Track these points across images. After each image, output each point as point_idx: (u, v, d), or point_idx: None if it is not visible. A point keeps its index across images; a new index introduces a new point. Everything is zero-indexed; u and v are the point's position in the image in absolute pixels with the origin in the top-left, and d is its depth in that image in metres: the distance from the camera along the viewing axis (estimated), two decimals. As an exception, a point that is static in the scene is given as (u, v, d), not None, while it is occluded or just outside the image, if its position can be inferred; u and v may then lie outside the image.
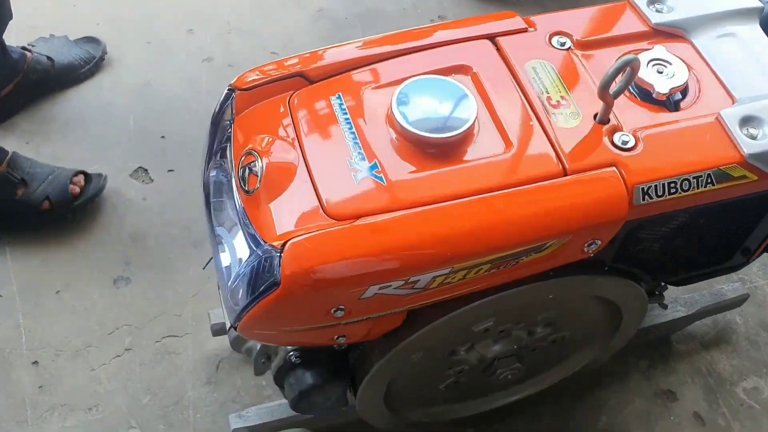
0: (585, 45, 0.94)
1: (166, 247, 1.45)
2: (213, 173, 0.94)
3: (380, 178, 0.80)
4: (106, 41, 1.75)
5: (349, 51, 0.93)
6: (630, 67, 0.79)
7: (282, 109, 0.88)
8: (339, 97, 0.87)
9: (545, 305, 0.98)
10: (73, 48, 1.71)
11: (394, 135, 0.83)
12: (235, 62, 1.79)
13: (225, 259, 0.88)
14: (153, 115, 1.67)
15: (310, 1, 1.95)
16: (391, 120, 0.83)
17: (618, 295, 0.99)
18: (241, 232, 0.84)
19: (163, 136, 1.63)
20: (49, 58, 1.64)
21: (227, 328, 1.01)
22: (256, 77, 0.90)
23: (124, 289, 1.39)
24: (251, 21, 1.89)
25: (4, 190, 1.42)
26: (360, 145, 0.82)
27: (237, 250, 0.85)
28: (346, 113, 0.86)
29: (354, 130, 0.84)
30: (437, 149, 0.82)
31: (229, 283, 0.86)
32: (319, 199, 0.79)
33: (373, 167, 0.81)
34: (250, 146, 0.85)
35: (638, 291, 0.99)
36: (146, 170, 1.57)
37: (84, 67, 1.70)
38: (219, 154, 0.93)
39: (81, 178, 1.48)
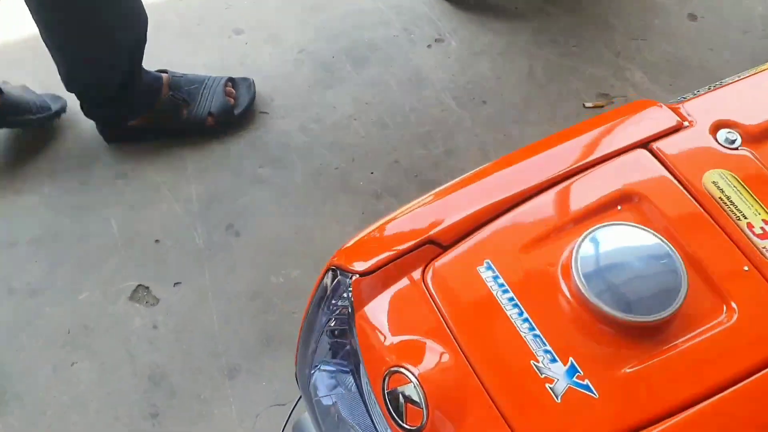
0: (755, 137, 0.75)
1: (195, 385, 1.21)
2: (323, 374, 0.71)
3: (587, 388, 0.59)
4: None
5: (478, 194, 0.71)
6: None
7: (419, 295, 0.65)
8: (489, 267, 0.66)
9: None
10: (29, 92, 1.47)
11: (579, 314, 0.62)
12: (218, 128, 1.53)
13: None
14: (137, 213, 1.40)
15: (288, 43, 1.69)
16: (575, 295, 0.62)
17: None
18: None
19: (157, 240, 1.37)
20: None
21: None
22: (373, 254, 0.67)
23: (160, 451, 1.15)
24: (225, 71, 1.62)
25: (171, 113, 1.45)
26: (543, 338, 0.62)
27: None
28: (506, 289, 0.64)
29: (526, 315, 0.63)
30: (644, 330, 0.62)
31: None
32: (515, 435, 0.58)
33: (571, 372, 0.60)
34: (395, 361, 0.63)
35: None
36: (147, 288, 1.31)
37: (36, 113, 1.44)
38: (332, 353, 0.70)
39: (230, 86, 1.51)
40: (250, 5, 1.76)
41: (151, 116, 1.45)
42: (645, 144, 0.74)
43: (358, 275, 0.67)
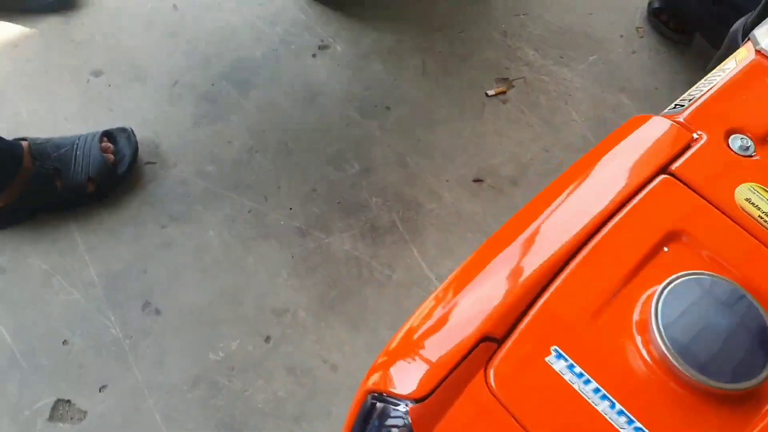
0: (764, 139, 0.71)
1: (156, 503, 1.04)
2: None
3: (712, 480, 0.52)
4: None
5: (510, 269, 0.61)
6: None
7: (491, 409, 0.55)
8: (560, 355, 0.57)
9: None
10: None
11: (676, 392, 0.55)
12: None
13: None
14: (29, 313, 1.18)
15: (158, 76, 1.49)
16: (667, 370, 0.55)
17: None
18: None
19: (64, 341, 1.16)
20: None
21: None
22: (419, 370, 0.56)
23: None
24: (93, 123, 1.40)
25: (43, 187, 1.24)
26: None
27: None
28: (587, 380, 0.56)
29: (620, 406, 0.54)
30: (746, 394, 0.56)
31: None
32: None
33: (689, 464, 0.53)
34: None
35: None
36: (68, 401, 1.11)
37: None
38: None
39: (106, 142, 1.33)
40: (102, 40, 1.53)
41: (16, 193, 1.23)
42: (664, 168, 0.67)
43: (412, 402, 0.55)
